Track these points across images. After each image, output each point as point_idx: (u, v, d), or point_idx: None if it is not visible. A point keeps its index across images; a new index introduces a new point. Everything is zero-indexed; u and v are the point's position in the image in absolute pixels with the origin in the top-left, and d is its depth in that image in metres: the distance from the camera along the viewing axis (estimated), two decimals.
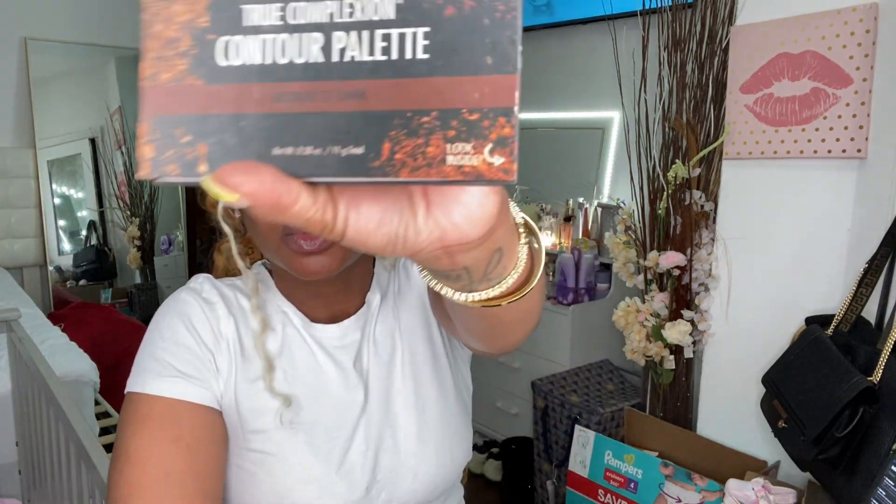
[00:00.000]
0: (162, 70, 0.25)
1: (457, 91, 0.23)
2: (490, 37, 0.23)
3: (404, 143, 0.23)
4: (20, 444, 1.76)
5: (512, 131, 0.23)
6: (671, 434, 1.76)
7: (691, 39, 1.75)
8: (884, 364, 1.10)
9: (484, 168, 0.23)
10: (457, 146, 0.23)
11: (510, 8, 0.23)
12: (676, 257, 1.69)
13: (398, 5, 0.23)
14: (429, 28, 0.23)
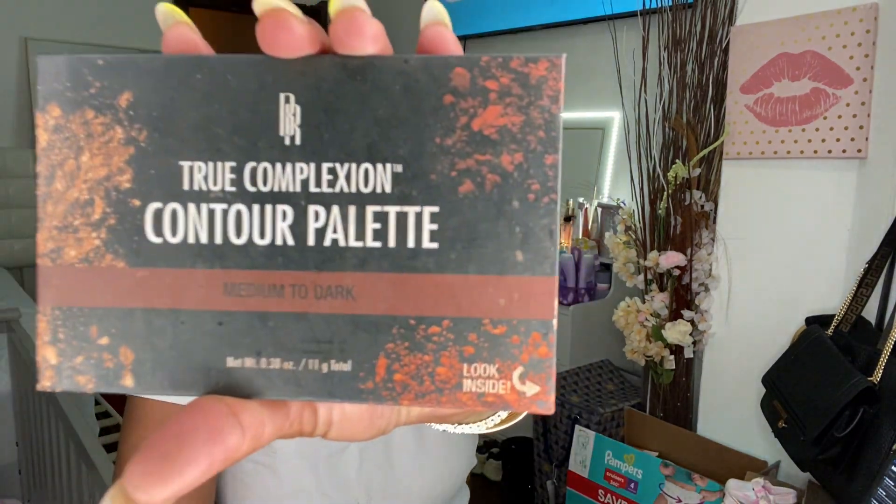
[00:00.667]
0: (67, 245, 0.18)
1: (476, 295, 0.18)
2: (521, 225, 0.17)
3: (406, 361, 0.18)
4: (20, 444, 1.76)
5: (549, 352, 0.17)
6: (671, 434, 1.76)
7: (691, 39, 1.75)
8: (884, 364, 1.10)
9: (512, 399, 0.18)
10: (476, 368, 0.18)
11: (547, 189, 0.17)
12: (676, 257, 1.69)
13: (396, 175, 0.18)
14: (438, 208, 0.18)
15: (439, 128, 0.18)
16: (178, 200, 0.18)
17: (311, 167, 0.18)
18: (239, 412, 0.17)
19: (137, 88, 0.18)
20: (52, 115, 0.18)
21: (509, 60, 0.18)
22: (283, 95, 0.18)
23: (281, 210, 0.18)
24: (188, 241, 0.18)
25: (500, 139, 0.18)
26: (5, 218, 3.24)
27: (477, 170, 0.18)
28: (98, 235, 0.18)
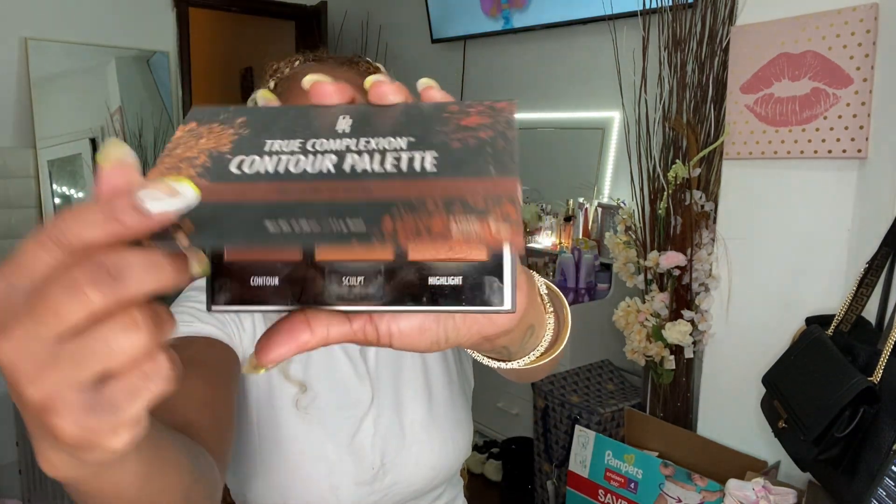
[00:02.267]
0: (169, 175, 0.24)
1: (463, 187, 0.24)
2: (493, 157, 0.25)
3: (406, 220, 0.22)
4: (20, 444, 1.76)
5: (516, 214, 0.23)
6: (671, 434, 1.76)
7: (691, 39, 1.75)
8: (884, 364, 1.10)
9: (488, 236, 0.22)
10: (461, 220, 0.23)
11: (509, 142, 0.25)
12: (676, 257, 1.69)
13: (410, 142, 0.26)
14: (436, 153, 0.25)
15: (440, 124, 0.26)
16: (258, 154, 0.25)
17: (353, 140, 0.26)
18: (311, 319, 0.26)
19: (250, 116, 0.27)
20: (190, 125, 0.27)
21: (483, 101, 0.28)
22: (342, 115, 0.27)
23: (329, 157, 0.25)
24: (259, 172, 0.24)
25: (478, 127, 0.26)
26: (4, 218, 3.24)
27: (464, 138, 0.26)
28: (195, 170, 0.24)
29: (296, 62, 0.71)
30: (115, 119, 3.53)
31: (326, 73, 0.68)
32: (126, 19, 3.48)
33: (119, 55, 3.53)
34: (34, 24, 3.24)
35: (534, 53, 3.00)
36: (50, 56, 3.29)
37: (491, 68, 3.23)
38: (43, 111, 3.27)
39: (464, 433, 0.77)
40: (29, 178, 3.28)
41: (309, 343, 0.26)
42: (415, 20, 3.50)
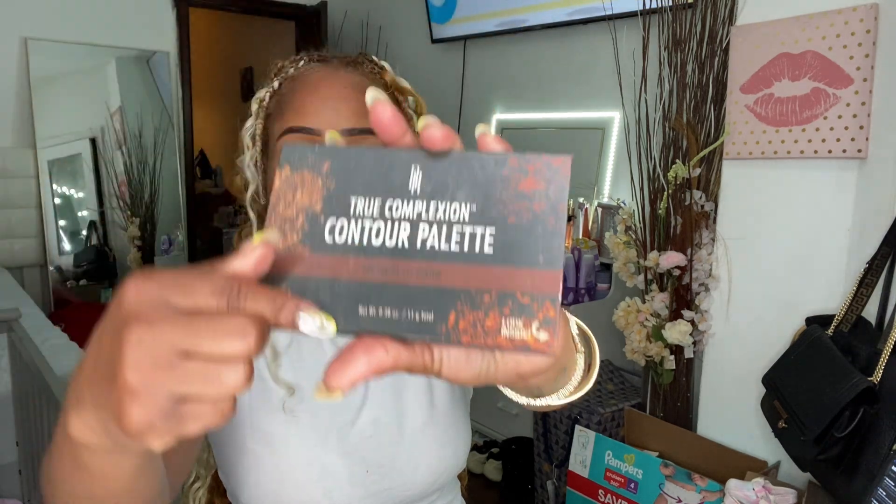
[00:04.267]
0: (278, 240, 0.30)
1: (514, 278, 0.28)
2: (543, 241, 0.29)
3: (467, 315, 0.28)
4: (20, 444, 1.76)
5: (555, 314, 0.28)
6: (671, 434, 1.76)
7: (691, 39, 1.75)
8: (884, 364, 1.10)
9: (531, 341, 0.28)
10: (510, 321, 0.28)
11: (559, 219, 0.29)
12: (677, 257, 1.69)
13: (472, 211, 0.29)
14: (495, 229, 0.29)
15: (499, 187, 0.29)
16: (346, 218, 0.30)
17: (423, 203, 0.30)
18: (386, 343, 0.29)
19: (334, 160, 0.31)
20: (285, 172, 0.31)
21: (542, 155, 0.30)
22: (413, 165, 0.30)
23: (404, 225, 0.30)
24: (347, 241, 0.30)
25: (533, 195, 0.29)
26: (5, 218, 3.24)
27: (519, 210, 0.29)
28: (297, 235, 0.30)
29: (300, 62, 0.70)
30: (115, 119, 3.53)
31: (330, 74, 0.67)
32: (126, 19, 3.48)
33: (119, 55, 3.53)
34: (34, 24, 3.24)
35: (534, 53, 3.00)
36: (50, 56, 3.29)
37: (491, 68, 3.23)
38: (43, 111, 3.27)
39: (463, 439, 0.76)
40: (29, 178, 3.27)
41: (385, 363, 0.29)
42: (415, 20, 3.50)
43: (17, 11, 3.20)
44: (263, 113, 0.70)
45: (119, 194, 3.58)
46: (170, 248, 3.75)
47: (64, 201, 3.49)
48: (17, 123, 3.25)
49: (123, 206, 3.59)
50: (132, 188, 3.60)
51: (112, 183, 3.55)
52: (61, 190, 3.47)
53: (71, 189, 3.51)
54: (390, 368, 0.29)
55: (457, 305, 0.28)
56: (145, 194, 3.64)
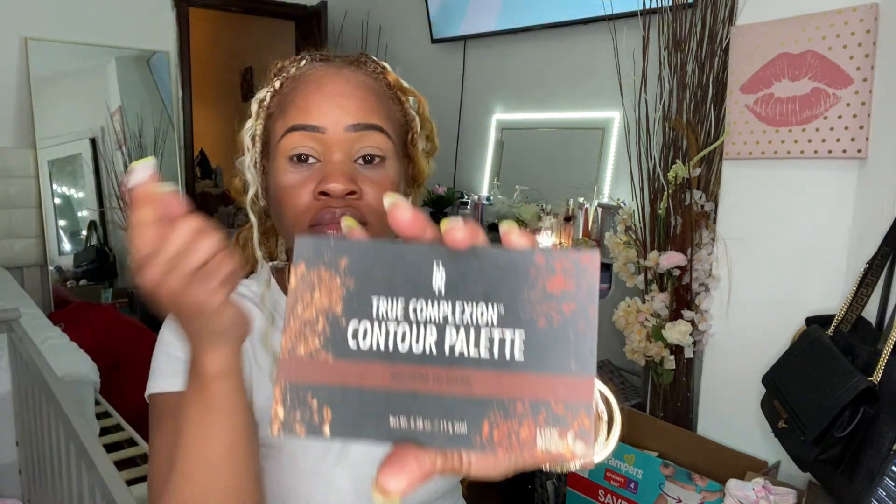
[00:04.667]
0: (299, 345, 0.29)
1: (546, 386, 0.28)
2: (574, 347, 0.28)
3: (501, 425, 0.28)
4: (20, 444, 1.76)
5: (590, 424, 0.28)
6: (671, 434, 1.76)
7: (691, 39, 1.75)
8: (884, 364, 1.10)
9: (567, 453, 0.28)
10: (545, 431, 0.28)
11: (589, 324, 0.28)
12: (677, 257, 1.69)
13: (500, 313, 0.29)
14: (524, 332, 0.28)
15: (527, 286, 0.29)
16: (369, 320, 0.29)
17: (449, 305, 0.29)
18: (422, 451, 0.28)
19: (351, 255, 0.30)
20: (300, 269, 0.30)
21: (568, 252, 0.29)
22: (436, 262, 0.29)
23: (430, 329, 0.29)
24: (372, 347, 0.29)
25: (562, 296, 0.28)
26: (5, 218, 3.24)
27: (548, 312, 0.28)
28: (319, 340, 0.29)
29: (302, 61, 0.69)
30: (115, 119, 3.53)
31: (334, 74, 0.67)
32: (126, 19, 3.48)
33: (119, 55, 3.53)
34: (34, 24, 3.24)
35: (534, 53, 3.00)
36: (50, 56, 3.29)
37: (491, 68, 3.23)
38: (43, 111, 3.27)
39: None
40: (29, 178, 3.27)
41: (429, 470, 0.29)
42: (415, 20, 3.50)
43: (17, 11, 3.20)
44: (264, 113, 0.69)
45: (119, 194, 3.58)
46: None
47: (64, 201, 3.49)
48: (17, 123, 3.25)
49: (123, 205, 3.59)
50: None
51: (112, 183, 3.55)
52: (61, 190, 3.47)
53: (71, 189, 3.51)
54: (431, 474, 0.29)
55: (490, 415, 0.28)
56: None
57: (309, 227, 0.61)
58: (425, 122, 0.73)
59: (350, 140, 0.63)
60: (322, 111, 0.63)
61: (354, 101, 0.64)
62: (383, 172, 0.64)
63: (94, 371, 2.09)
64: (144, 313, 3.56)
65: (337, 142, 0.62)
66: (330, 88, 0.64)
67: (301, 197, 0.62)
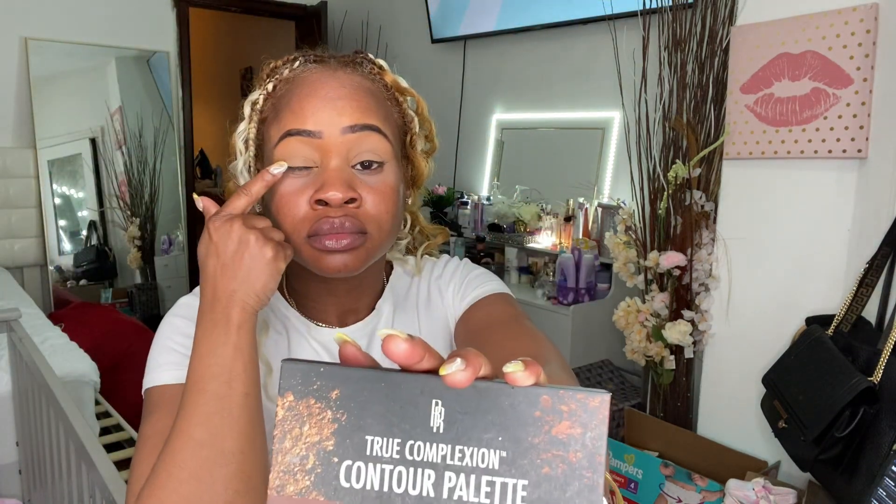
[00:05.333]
0: (288, 483, 0.28)
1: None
2: (579, 500, 0.27)
3: None
4: (20, 444, 1.76)
5: None
6: (671, 434, 1.76)
7: (692, 39, 1.75)
8: (884, 364, 1.10)
9: None
10: None
11: (596, 474, 0.27)
12: (677, 257, 1.69)
13: (502, 458, 0.27)
14: (527, 482, 0.27)
15: (531, 431, 0.27)
16: (363, 461, 0.28)
17: (448, 447, 0.27)
18: None
19: (343, 387, 0.28)
20: (288, 399, 0.28)
21: (576, 393, 0.27)
22: (434, 401, 0.28)
23: (427, 472, 0.27)
24: (366, 487, 0.27)
25: (568, 441, 0.27)
26: (5, 218, 3.24)
27: (553, 460, 0.27)
28: (309, 479, 0.28)
29: (296, 62, 0.66)
30: (115, 119, 3.53)
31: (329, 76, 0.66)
32: (126, 19, 3.48)
33: (119, 55, 3.53)
34: (34, 24, 3.24)
35: (534, 53, 3.00)
36: (50, 56, 3.29)
37: (491, 68, 3.23)
38: (43, 111, 3.27)
39: None
40: (29, 178, 3.27)
41: None
42: (415, 20, 3.50)
43: (17, 11, 3.20)
44: (257, 116, 0.67)
45: (119, 194, 3.58)
46: (170, 248, 3.75)
47: (64, 201, 3.49)
48: (17, 123, 3.25)
49: (123, 206, 3.59)
50: (132, 188, 3.60)
51: (112, 183, 3.55)
52: (61, 190, 3.47)
53: (71, 189, 3.51)
54: None
55: None
56: (145, 194, 3.64)
57: (307, 236, 0.60)
58: (424, 121, 0.72)
59: (348, 143, 0.61)
60: (317, 115, 0.61)
61: (351, 103, 0.62)
62: (383, 178, 0.62)
63: (94, 371, 2.09)
64: (145, 313, 3.56)
65: (334, 146, 0.61)
66: (325, 91, 0.62)
67: (298, 205, 0.60)
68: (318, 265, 0.61)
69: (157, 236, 3.71)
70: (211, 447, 0.51)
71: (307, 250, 0.60)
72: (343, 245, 0.59)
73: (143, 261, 3.65)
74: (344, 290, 0.69)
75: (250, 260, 0.55)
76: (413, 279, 0.77)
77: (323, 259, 0.60)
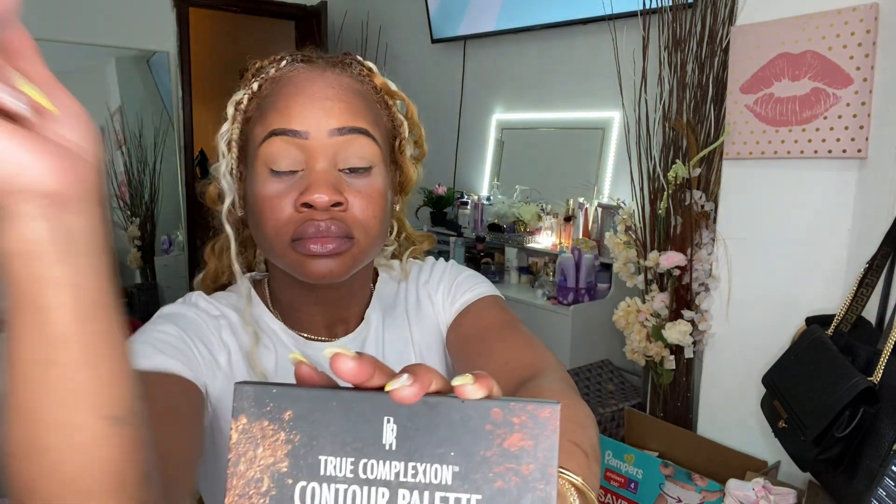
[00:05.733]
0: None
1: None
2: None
3: None
4: None
5: None
6: (671, 434, 1.76)
7: (691, 39, 1.75)
8: (884, 364, 1.10)
9: None
10: None
11: (549, 486, 0.27)
12: (677, 257, 1.69)
13: (455, 473, 0.27)
14: (480, 496, 0.27)
15: (483, 444, 0.27)
16: (317, 481, 0.28)
17: (401, 464, 0.27)
18: None
19: (296, 408, 0.28)
20: (241, 422, 0.28)
21: (527, 405, 0.27)
22: (386, 417, 0.28)
23: (381, 491, 0.27)
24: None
25: (520, 454, 0.27)
26: None
27: (505, 473, 0.27)
28: (264, 501, 0.27)
29: (282, 62, 0.64)
30: (115, 119, 3.53)
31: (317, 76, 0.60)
32: (126, 19, 3.48)
33: (119, 55, 3.53)
34: (34, 24, 3.24)
35: (534, 53, 3.00)
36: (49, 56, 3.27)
37: (491, 68, 3.23)
38: None
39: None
40: None
41: None
42: (415, 20, 3.50)
43: None
44: (241, 117, 0.64)
45: (119, 194, 3.58)
46: (170, 248, 3.75)
47: None
48: None
49: (123, 205, 3.59)
50: (132, 188, 3.60)
51: (112, 183, 3.55)
52: None
53: None
54: None
55: None
56: (145, 194, 3.64)
57: (291, 240, 0.58)
58: (414, 126, 0.70)
59: (335, 146, 0.59)
60: (304, 115, 0.59)
61: (339, 104, 0.60)
62: (370, 182, 0.61)
63: None
64: (145, 313, 3.56)
65: (321, 147, 0.59)
66: (313, 91, 0.60)
67: (283, 208, 0.58)
68: (303, 271, 0.59)
69: (157, 236, 3.71)
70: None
71: (291, 255, 0.59)
72: (328, 249, 0.58)
73: (143, 261, 3.65)
74: (332, 299, 0.68)
75: None
76: (400, 284, 0.75)
77: (307, 264, 0.58)
